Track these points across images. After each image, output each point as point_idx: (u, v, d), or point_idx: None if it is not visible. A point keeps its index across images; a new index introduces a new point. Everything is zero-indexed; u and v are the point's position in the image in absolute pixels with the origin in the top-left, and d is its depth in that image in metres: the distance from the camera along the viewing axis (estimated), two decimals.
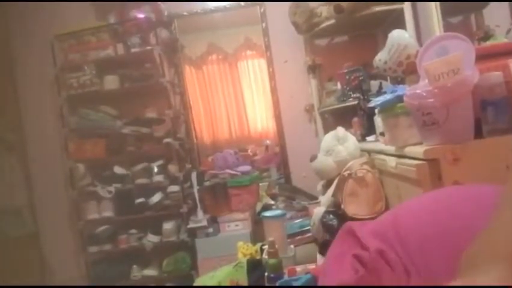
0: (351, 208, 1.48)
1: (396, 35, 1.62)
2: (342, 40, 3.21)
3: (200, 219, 2.74)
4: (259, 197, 2.88)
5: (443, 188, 0.91)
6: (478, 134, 0.96)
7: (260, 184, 3.02)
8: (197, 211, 2.78)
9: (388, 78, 2.17)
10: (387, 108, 1.22)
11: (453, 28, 2.34)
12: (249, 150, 3.33)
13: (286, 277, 1.27)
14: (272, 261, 1.31)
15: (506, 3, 2.34)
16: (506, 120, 0.92)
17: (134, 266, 3.05)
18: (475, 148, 0.92)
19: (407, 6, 2.46)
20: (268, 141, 3.38)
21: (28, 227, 3.29)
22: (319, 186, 1.91)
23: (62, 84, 3.16)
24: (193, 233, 2.79)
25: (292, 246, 1.65)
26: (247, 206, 2.74)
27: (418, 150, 1.01)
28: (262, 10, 3.30)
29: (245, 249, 1.61)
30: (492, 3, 2.35)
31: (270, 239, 1.37)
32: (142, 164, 3.10)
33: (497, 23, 2.22)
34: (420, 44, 1.59)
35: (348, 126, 2.08)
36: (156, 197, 3.02)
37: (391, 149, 1.27)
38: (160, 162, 3.09)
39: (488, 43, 1.76)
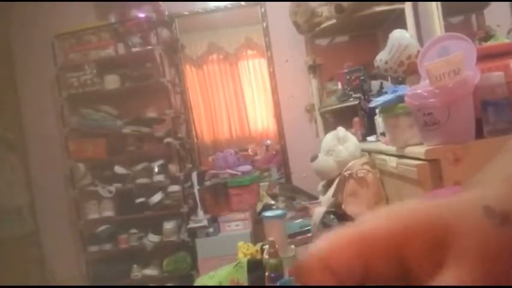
0: (351, 208, 1.48)
1: (397, 35, 1.62)
2: (342, 40, 3.21)
3: (200, 219, 2.74)
4: (259, 197, 2.88)
5: (444, 188, 0.91)
6: (479, 134, 0.95)
7: (260, 184, 3.02)
8: (197, 211, 2.78)
9: (389, 78, 2.17)
10: (388, 109, 1.22)
11: (454, 28, 2.33)
12: (250, 150, 3.33)
13: (286, 277, 1.27)
14: (272, 261, 1.31)
15: (507, 3, 2.34)
16: (507, 121, 0.92)
17: (135, 266, 3.05)
18: (475, 148, 0.92)
19: (407, 6, 2.45)
20: (268, 141, 3.39)
21: (28, 226, 3.29)
22: (319, 186, 1.91)
23: (62, 84, 3.16)
24: (193, 232, 2.79)
25: (292, 246, 1.65)
26: (247, 206, 2.74)
27: (419, 150, 1.00)
28: (262, 10, 3.30)
29: (245, 249, 1.61)
30: (493, 3, 2.35)
31: (271, 238, 1.37)
32: (143, 163, 3.10)
33: (498, 23, 2.22)
34: (421, 44, 1.59)
35: (348, 126, 2.08)
36: (157, 197, 3.03)
37: (392, 149, 1.26)
38: (160, 162, 3.09)
39: (489, 43, 1.76)
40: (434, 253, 0.21)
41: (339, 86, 2.84)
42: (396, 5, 2.50)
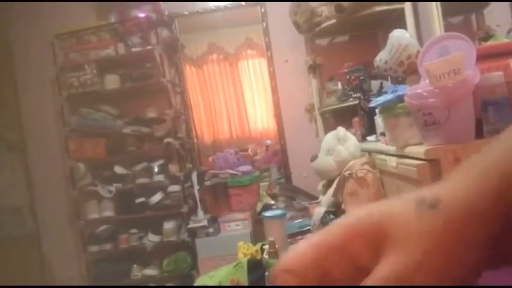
0: (351, 208, 1.48)
1: (397, 34, 1.62)
2: (342, 40, 3.21)
3: (200, 219, 2.74)
4: (259, 197, 2.88)
5: None
6: (479, 134, 0.95)
7: (260, 184, 3.02)
8: (197, 211, 2.78)
9: (389, 78, 2.17)
10: (387, 108, 1.22)
11: (454, 28, 2.33)
12: (250, 150, 3.33)
13: None
14: (272, 261, 1.31)
15: (507, 3, 2.34)
16: (507, 120, 0.92)
17: (135, 266, 3.05)
18: (475, 148, 0.90)
19: (407, 6, 2.45)
20: (268, 141, 3.38)
21: (28, 226, 3.29)
22: (319, 186, 1.91)
23: (62, 84, 3.16)
24: (193, 232, 2.79)
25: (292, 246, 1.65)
26: (247, 206, 2.74)
27: (419, 150, 1.00)
28: (262, 10, 3.30)
29: (245, 249, 1.61)
30: (493, 3, 2.35)
31: (271, 238, 1.37)
32: (143, 163, 3.10)
33: (498, 23, 2.22)
34: (421, 44, 1.59)
35: (348, 126, 2.08)
36: (157, 197, 3.02)
37: (392, 149, 1.26)
38: (160, 162, 3.09)
39: (489, 43, 1.76)
40: (378, 249, 0.24)
41: (339, 85, 2.83)
42: (396, 5, 2.50)
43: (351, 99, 2.57)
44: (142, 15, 3.11)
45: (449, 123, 0.91)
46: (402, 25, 2.35)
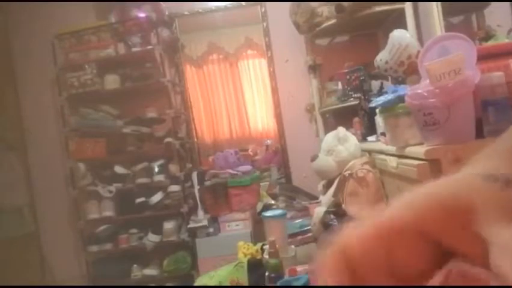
0: (351, 208, 1.48)
1: (397, 34, 1.62)
2: (343, 40, 3.21)
3: (200, 218, 2.74)
4: (259, 197, 2.88)
5: None
6: (479, 134, 0.95)
7: (261, 184, 3.02)
8: (197, 211, 2.78)
9: (389, 78, 2.17)
10: (388, 108, 1.22)
11: (454, 28, 2.33)
12: (250, 150, 3.33)
13: (286, 277, 1.27)
14: (273, 261, 1.30)
15: (507, 3, 2.34)
16: (507, 120, 0.92)
17: (135, 266, 3.05)
18: (476, 148, 0.90)
19: (408, 6, 2.45)
20: (268, 141, 3.38)
21: (28, 226, 3.29)
22: (320, 186, 1.91)
23: (62, 84, 3.16)
24: (193, 232, 2.79)
25: (293, 246, 1.65)
26: (247, 206, 2.74)
27: (419, 150, 1.00)
28: (263, 10, 3.30)
29: (245, 249, 1.61)
30: (493, 3, 2.35)
31: (271, 238, 1.37)
32: (143, 163, 3.10)
33: (499, 23, 2.22)
34: (421, 44, 1.59)
35: (349, 126, 2.08)
36: (157, 197, 3.03)
37: (392, 149, 1.26)
38: (160, 161, 3.09)
39: (490, 43, 1.76)
40: (459, 220, 0.22)
41: (340, 86, 2.83)
42: (396, 5, 2.50)
43: (351, 99, 2.57)
44: (142, 15, 3.11)
45: (449, 123, 0.91)
46: (402, 25, 2.34)
